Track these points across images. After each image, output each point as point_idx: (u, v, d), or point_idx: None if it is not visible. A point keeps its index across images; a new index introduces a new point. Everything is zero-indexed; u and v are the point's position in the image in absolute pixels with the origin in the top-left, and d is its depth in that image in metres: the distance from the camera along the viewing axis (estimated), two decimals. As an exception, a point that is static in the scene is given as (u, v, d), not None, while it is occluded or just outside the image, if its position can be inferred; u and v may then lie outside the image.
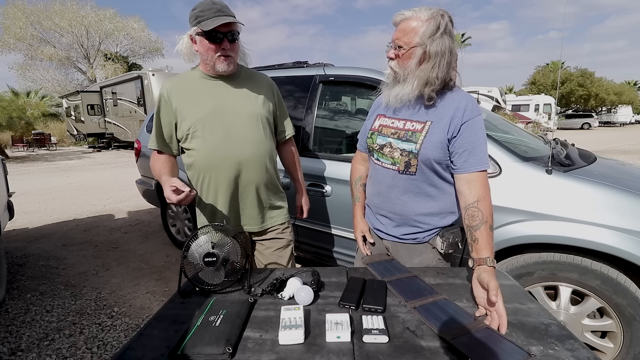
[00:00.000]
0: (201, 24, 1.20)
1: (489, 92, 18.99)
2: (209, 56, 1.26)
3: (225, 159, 1.32)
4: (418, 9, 1.04)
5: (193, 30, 1.23)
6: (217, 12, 1.20)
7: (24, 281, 2.80)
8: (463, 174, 1.07)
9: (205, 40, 1.22)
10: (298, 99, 2.37)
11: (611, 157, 2.57)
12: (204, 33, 1.21)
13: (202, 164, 1.34)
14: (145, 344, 0.80)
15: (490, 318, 0.85)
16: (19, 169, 10.00)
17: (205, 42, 1.23)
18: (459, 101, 1.08)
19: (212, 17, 1.19)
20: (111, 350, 1.93)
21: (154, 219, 4.42)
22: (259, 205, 1.43)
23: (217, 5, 1.22)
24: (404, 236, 1.22)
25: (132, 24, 22.13)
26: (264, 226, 1.47)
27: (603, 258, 1.43)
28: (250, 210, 1.42)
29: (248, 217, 1.44)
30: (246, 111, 1.35)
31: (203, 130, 1.31)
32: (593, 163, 1.87)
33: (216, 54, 1.25)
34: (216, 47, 1.24)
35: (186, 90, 1.33)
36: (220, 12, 1.21)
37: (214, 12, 1.20)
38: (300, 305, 0.88)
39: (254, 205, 1.42)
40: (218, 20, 1.19)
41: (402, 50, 1.07)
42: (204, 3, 1.22)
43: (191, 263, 1.03)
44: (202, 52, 1.26)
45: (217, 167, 1.33)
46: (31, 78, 21.65)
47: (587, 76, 31.63)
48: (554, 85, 31.14)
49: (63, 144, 18.52)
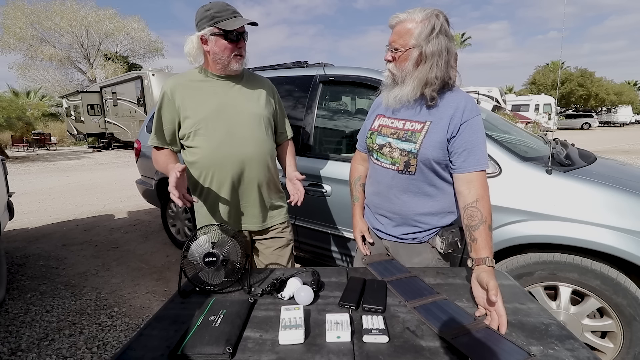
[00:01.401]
0: (220, 23, 1.22)
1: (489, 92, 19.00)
2: (225, 55, 1.27)
3: (229, 157, 1.33)
4: (412, 11, 1.05)
5: (208, 31, 1.24)
6: (234, 13, 1.25)
7: (24, 281, 2.80)
8: (462, 173, 1.08)
9: (223, 39, 1.25)
10: (298, 99, 2.37)
11: (611, 157, 2.57)
12: (223, 32, 1.23)
13: (205, 161, 1.35)
14: (145, 344, 0.80)
15: (490, 318, 0.85)
16: (19, 169, 10.00)
17: (222, 42, 1.25)
18: (459, 101, 1.08)
19: (230, 17, 1.23)
20: (111, 350, 1.93)
21: (154, 219, 4.42)
22: (261, 204, 1.44)
23: (231, 7, 1.26)
24: (403, 236, 1.22)
25: (132, 24, 22.12)
26: (264, 225, 1.48)
27: (603, 258, 1.43)
28: (251, 208, 1.43)
29: (249, 215, 1.44)
30: (249, 111, 1.37)
31: (207, 128, 1.32)
32: (593, 163, 1.87)
33: (232, 53, 1.28)
34: (233, 47, 1.27)
35: (190, 88, 1.33)
36: (237, 13, 1.26)
37: (232, 13, 1.24)
38: (300, 305, 0.88)
39: (255, 204, 1.43)
40: (239, 21, 1.23)
41: (398, 53, 1.07)
42: (218, 4, 1.25)
43: (191, 263, 1.03)
44: (216, 52, 1.27)
45: (220, 165, 1.34)
46: (31, 78, 21.67)
47: (587, 76, 31.62)
48: (554, 85, 31.14)
49: (63, 144, 18.52)
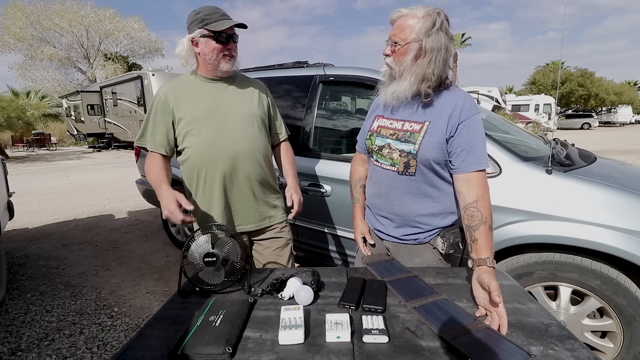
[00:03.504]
0: (209, 25, 1.26)
1: (489, 92, 19.01)
2: (214, 56, 1.31)
3: (220, 154, 1.34)
4: (415, 7, 1.06)
5: (198, 33, 1.27)
6: (224, 16, 1.29)
7: (24, 281, 2.80)
8: (461, 173, 1.07)
9: (212, 41, 1.28)
10: (298, 99, 2.37)
11: (611, 157, 2.56)
12: (212, 34, 1.27)
13: (196, 160, 1.36)
14: (145, 344, 0.80)
15: (490, 318, 0.85)
16: (19, 169, 10.00)
17: (212, 43, 1.29)
18: (456, 100, 1.08)
19: (219, 19, 1.27)
20: (111, 350, 1.93)
21: (154, 219, 4.42)
22: (255, 203, 1.44)
23: (220, 10, 1.30)
24: (404, 237, 1.22)
25: (132, 24, 22.13)
26: (261, 225, 1.47)
27: (603, 258, 1.43)
28: (246, 208, 1.43)
29: (245, 215, 1.44)
30: (241, 111, 1.39)
31: (199, 128, 1.34)
32: (593, 163, 1.87)
33: (221, 53, 1.31)
34: (222, 48, 1.30)
35: (183, 91, 1.36)
36: (226, 16, 1.30)
37: (221, 16, 1.29)
38: (300, 305, 0.88)
39: (249, 203, 1.43)
40: (227, 22, 1.27)
41: (398, 46, 1.07)
42: (208, 8, 1.29)
43: (191, 263, 1.03)
44: (206, 53, 1.30)
45: (212, 163, 1.35)
46: (31, 78, 21.66)
47: (587, 76, 31.61)
48: (554, 85, 31.14)
49: (63, 144, 18.51)
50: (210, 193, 1.38)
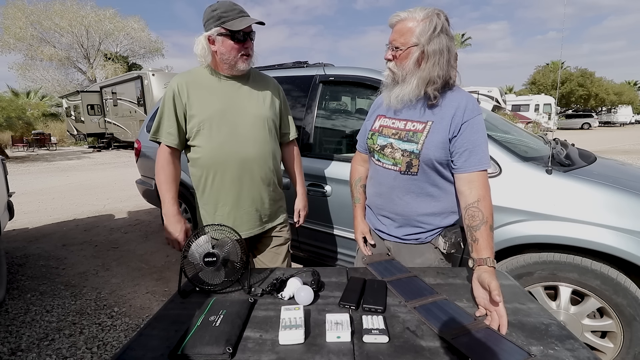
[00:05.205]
0: (227, 24, 1.21)
1: (489, 92, 19.00)
2: (232, 55, 1.27)
3: (230, 157, 1.33)
4: (413, 10, 1.05)
5: (215, 31, 1.23)
6: (241, 13, 1.24)
7: (24, 281, 2.80)
8: (463, 173, 1.07)
9: (229, 40, 1.24)
10: (298, 99, 2.37)
11: (611, 157, 2.56)
12: (230, 33, 1.22)
13: (207, 161, 1.34)
14: (145, 344, 0.80)
15: (490, 318, 0.85)
16: (19, 169, 10.00)
17: (229, 42, 1.24)
18: (460, 100, 1.08)
19: (237, 17, 1.22)
20: (111, 350, 1.92)
21: (154, 219, 4.42)
22: (261, 207, 1.43)
23: (238, 6, 1.25)
24: (406, 237, 1.22)
25: (132, 24, 22.12)
26: (264, 227, 1.47)
27: (603, 258, 1.43)
28: (252, 212, 1.42)
29: (249, 221, 1.42)
30: (253, 113, 1.36)
31: (210, 128, 1.31)
32: (593, 163, 1.87)
33: (239, 53, 1.27)
34: (240, 47, 1.26)
35: (196, 86, 1.33)
36: (243, 13, 1.25)
37: (238, 13, 1.23)
38: (300, 305, 0.88)
39: (256, 206, 1.42)
40: (246, 20, 1.22)
41: (399, 51, 1.07)
42: (224, 4, 1.24)
43: (191, 263, 1.03)
44: (223, 52, 1.26)
45: (222, 165, 1.33)
46: (31, 78, 21.66)
47: (587, 76, 31.59)
48: (554, 85, 31.12)
49: (63, 144, 18.52)
50: (218, 194, 1.37)
